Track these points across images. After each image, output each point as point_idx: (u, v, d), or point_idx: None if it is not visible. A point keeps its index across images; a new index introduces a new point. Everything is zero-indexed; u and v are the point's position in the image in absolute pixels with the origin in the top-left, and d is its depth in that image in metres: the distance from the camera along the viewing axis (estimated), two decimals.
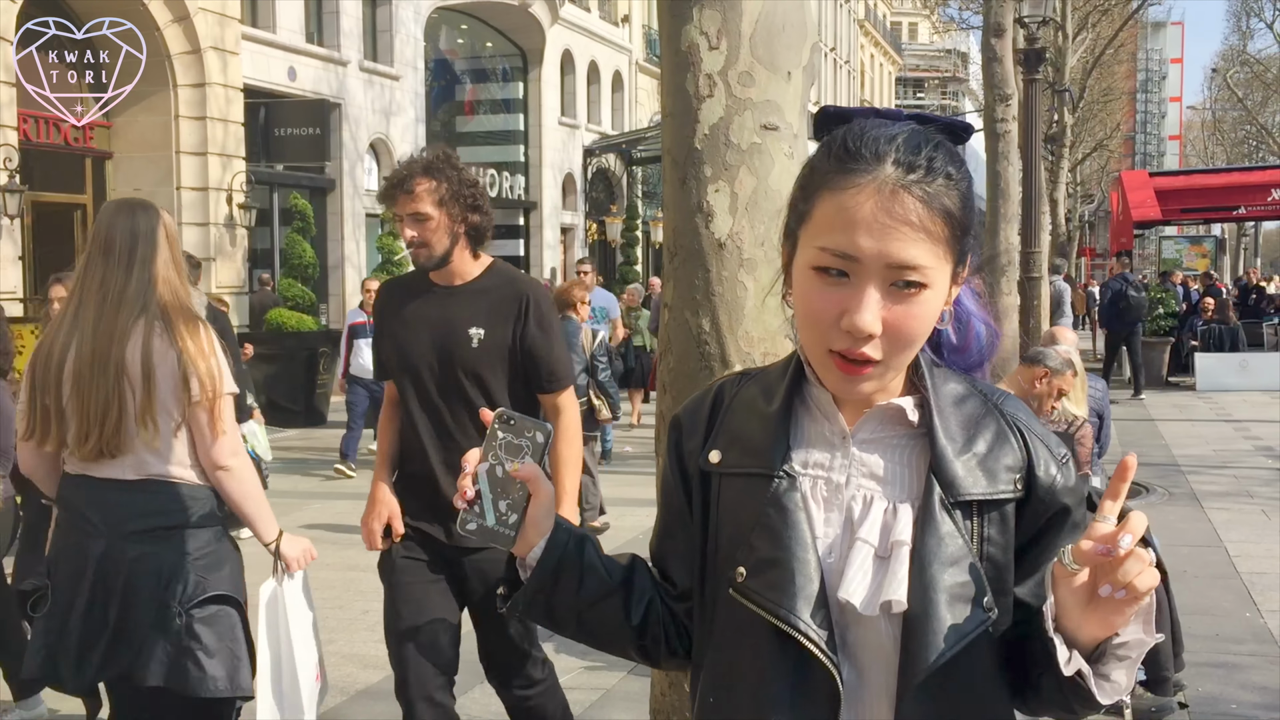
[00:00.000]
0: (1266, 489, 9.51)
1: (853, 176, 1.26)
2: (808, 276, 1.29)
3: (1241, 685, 5.07)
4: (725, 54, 2.34)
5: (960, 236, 1.29)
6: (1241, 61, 46.48)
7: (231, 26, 15.06)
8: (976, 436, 1.34)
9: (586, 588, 1.43)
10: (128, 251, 2.97)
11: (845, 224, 1.25)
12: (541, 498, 1.37)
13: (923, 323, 1.29)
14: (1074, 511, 1.36)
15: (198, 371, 2.88)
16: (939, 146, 1.28)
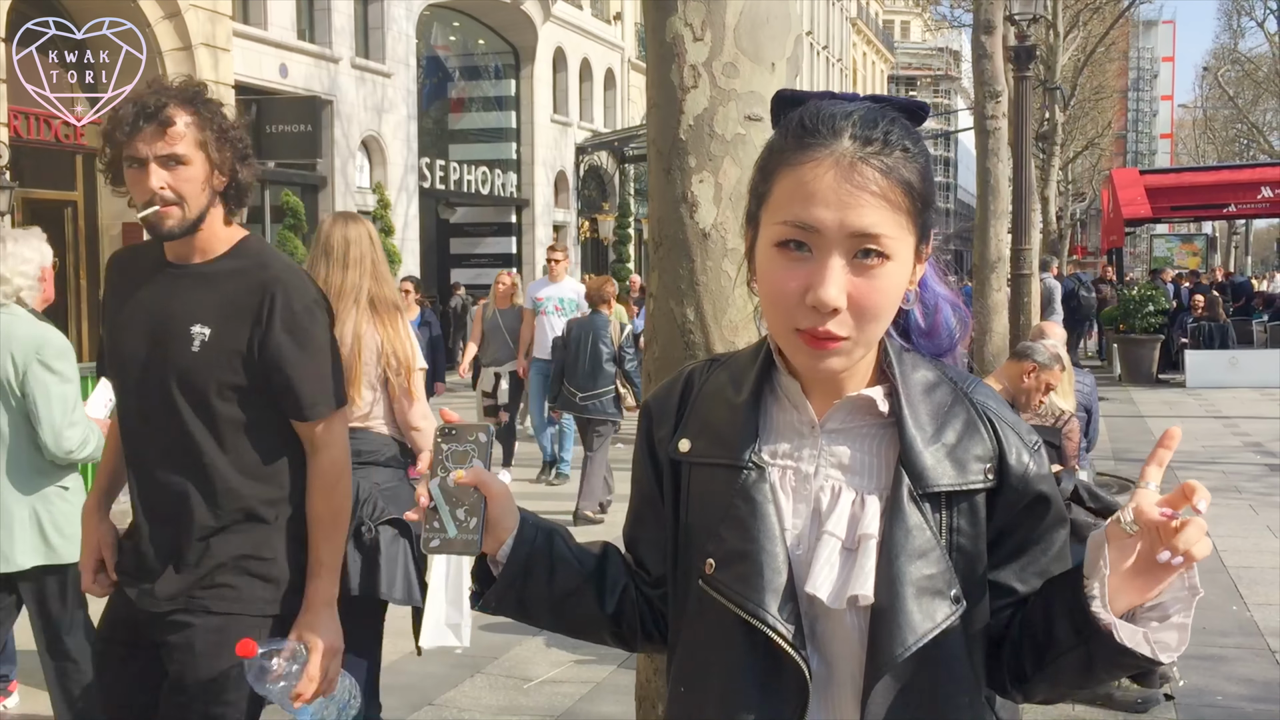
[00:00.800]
0: (1254, 484, 9.56)
1: (810, 151, 1.26)
2: (770, 256, 1.29)
3: (1227, 677, 5.10)
4: (709, 45, 2.36)
5: (921, 210, 1.29)
6: (1233, 60, 46.62)
7: (223, 23, 15.04)
8: (946, 426, 1.33)
9: (558, 580, 1.44)
10: (343, 254, 3.66)
11: (805, 197, 1.25)
12: (496, 497, 1.36)
13: (887, 296, 1.28)
14: (1051, 498, 1.36)
15: (395, 351, 3.62)
16: (895, 121, 1.29)
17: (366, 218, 17.26)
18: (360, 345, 3.58)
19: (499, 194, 25.15)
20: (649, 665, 2.55)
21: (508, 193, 25.43)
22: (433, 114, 24.05)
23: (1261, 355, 17.91)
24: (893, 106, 1.33)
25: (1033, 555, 1.36)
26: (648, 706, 2.53)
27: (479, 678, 5.21)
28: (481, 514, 1.34)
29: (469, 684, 5.14)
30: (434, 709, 4.86)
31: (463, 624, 4.10)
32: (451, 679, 5.18)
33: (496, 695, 5.00)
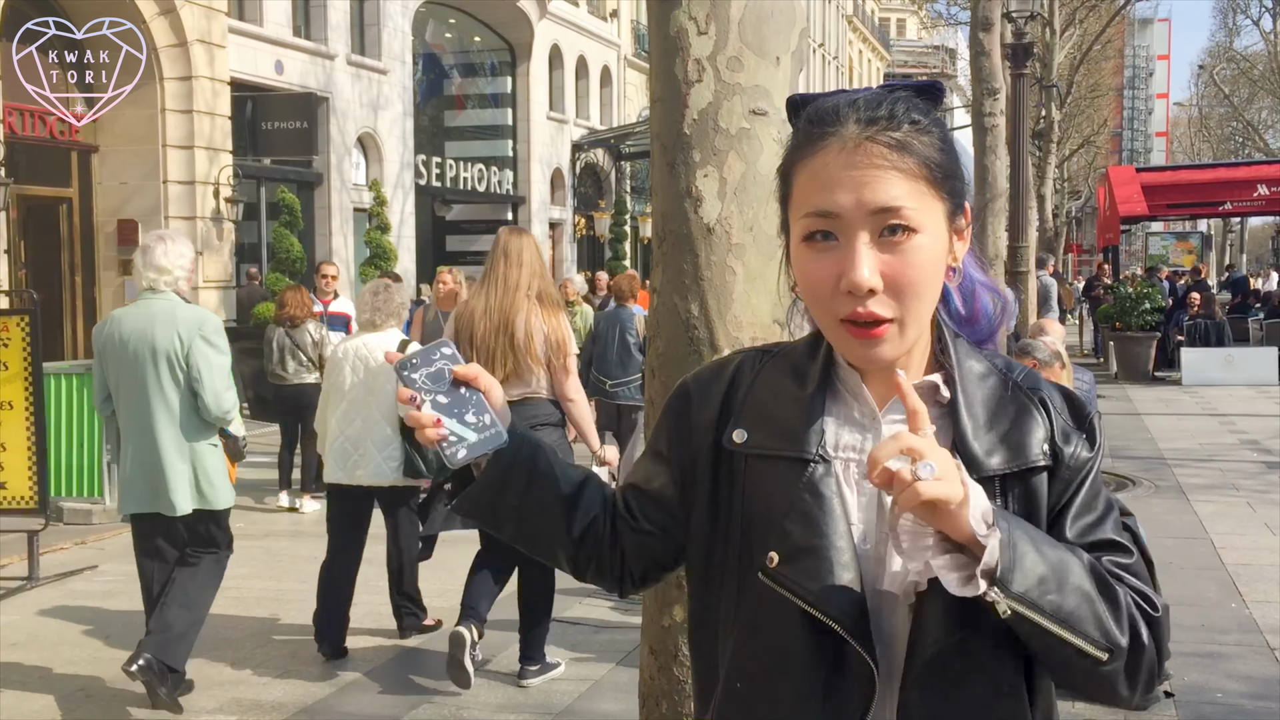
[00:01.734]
0: (1251, 482, 9.56)
1: (819, 143, 1.27)
2: (801, 252, 1.29)
3: (1227, 675, 5.10)
4: (714, 39, 2.34)
5: (943, 178, 1.28)
6: (1228, 58, 46.65)
7: (218, 19, 15.00)
8: (999, 412, 1.33)
9: (533, 492, 1.44)
10: (517, 257, 4.82)
11: (820, 186, 1.26)
12: (494, 391, 1.39)
13: (923, 269, 1.26)
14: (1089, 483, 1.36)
15: (558, 337, 4.77)
16: (902, 99, 1.29)
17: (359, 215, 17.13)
18: (531, 330, 4.68)
19: (495, 191, 25.11)
20: (653, 663, 2.53)
21: (504, 190, 25.40)
22: (429, 111, 24.01)
23: (1257, 353, 17.92)
24: (903, 88, 1.32)
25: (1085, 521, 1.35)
26: (651, 704, 2.51)
27: (478, 676, 5.18)
28: (488, 408, 1.36)
29: None
30: (432, 706, 4.84)
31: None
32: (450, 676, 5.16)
33: (494, 692, 4.98)
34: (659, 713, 2.50)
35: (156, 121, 14.26)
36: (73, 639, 5.79)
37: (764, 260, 2.38)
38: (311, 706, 4.87)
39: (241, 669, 5.32)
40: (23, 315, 7.02)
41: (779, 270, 2.46)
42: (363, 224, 19.30)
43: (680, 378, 1.56)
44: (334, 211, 18.82)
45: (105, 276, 14.49)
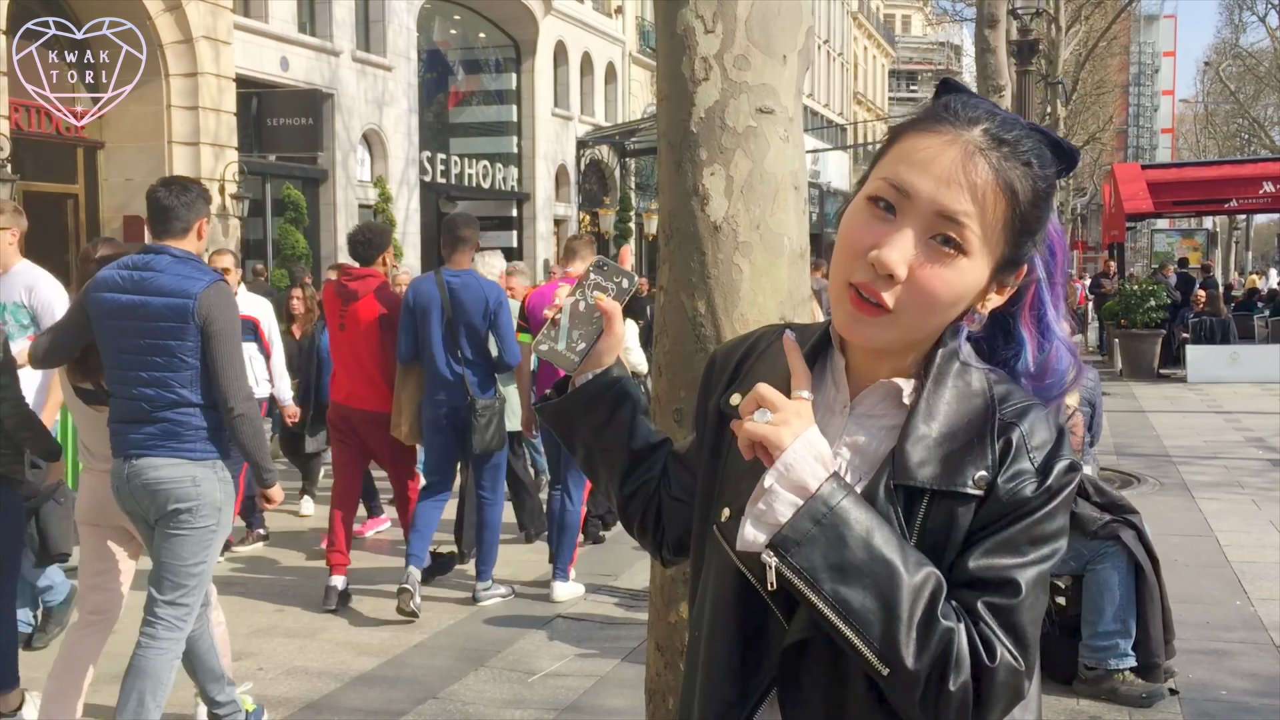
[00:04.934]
0: (1256, 479, 9.55)
1: (940, 125, 1.27)
2: (859, 206, 1.30)
3: (1232, 672, 5.10)
4: (721, 37, 2.35)
5: (1018, 230, 1.28)
6: (1234, 55, 46.54)
7: (224, 16, 15.02)
8: (957, 433, 1.29)
9: (604, 435, 1.58)
10: None
11: (913, 162, 1.26)
12: (612, 334, 1.53)
13: (949, 289, 1.26)
14: (1024, 523, 1.27)
15: None
16: (1034, 138, 1.28)
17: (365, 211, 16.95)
18: None
19: (500, 188, 25.12)
20: (659, 659, 2.54)
21: (508, 187, 25.40)
22: (434, 108, 24.02)
23: (1263, 350, 17.90)
24: (1045, 135, 1.31)
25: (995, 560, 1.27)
26: (658, 700, 2.52)
27: (483, 671, 5.21)
28: (592, 342, 1.51)
29: (473, 677, 5.13)
30: (438, 702, 4.85)
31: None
32: (455, 672, 5.18)
33: (500, 688, 4.99)
34: (665, 708, 2.51)
35: (162, 118, 14.28)
36: None
37: (770, 258, 2.39)
38: (317, 702, 4.88)
39: (247, 664, 5.34)
40: None
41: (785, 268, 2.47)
42: (368, 220, 19.32)
43: (685, 376, 1.60)
44: (339, 208, 18.84)
45: None
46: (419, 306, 6.08)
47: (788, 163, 2.40)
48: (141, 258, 3.92)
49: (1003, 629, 1.24)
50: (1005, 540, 1.26)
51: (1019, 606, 1.24)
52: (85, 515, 4.21)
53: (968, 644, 1.22)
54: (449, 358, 6.06)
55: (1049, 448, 1.29)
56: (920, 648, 1.20)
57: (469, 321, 6.03)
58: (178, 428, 3.83)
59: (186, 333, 3.81)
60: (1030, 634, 1.25)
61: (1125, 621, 4.75)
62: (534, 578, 6.77)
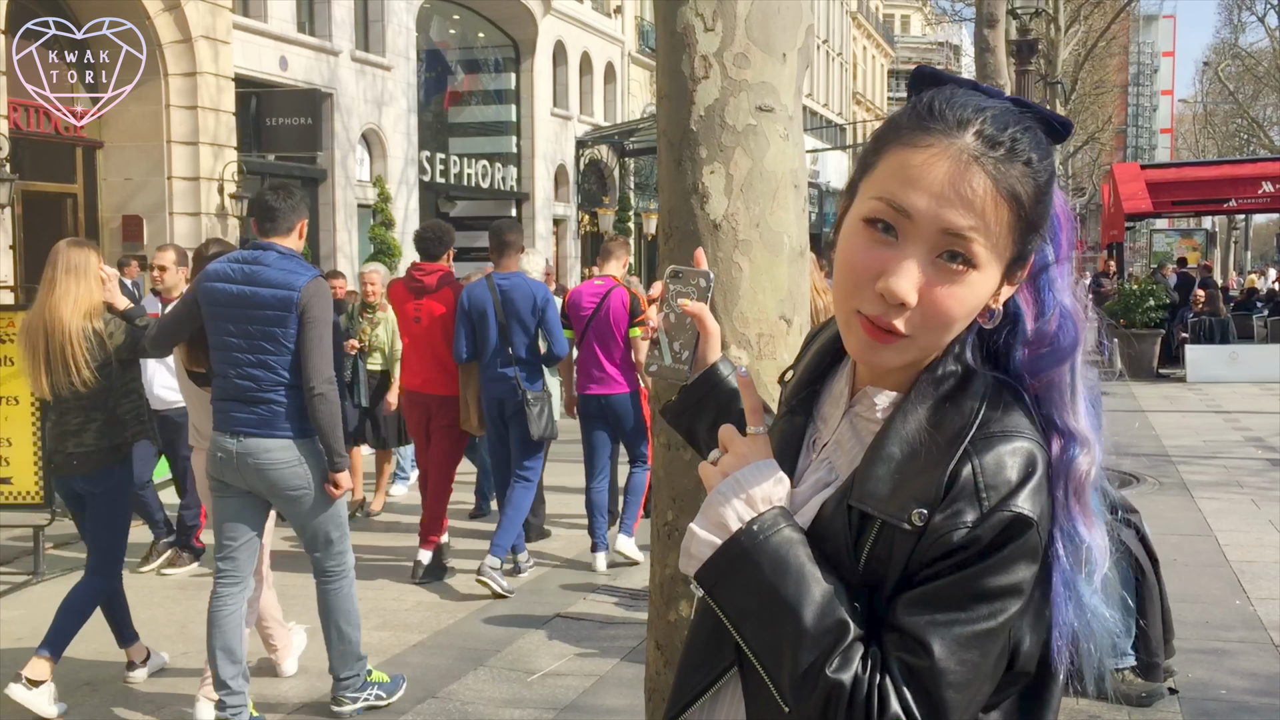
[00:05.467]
0: (1256, 479, 9.55)
1: (929, 136, 1.21)
2: (856, 229, 1.24)
3: (1231, 671, 5.10)
4: (720, 36, 2.35)
5: (1024, 231, 1.23)
6: (1233, 55, 46.55)
7: (223, 15, 15.00)
8: (916, 456, 1.23)
9: (715, 432, 1.50)
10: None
11: (908, 179, 1.20)
12: (708, 333, 1.53)
13: (962, 305, 1.22)
14: (953, 577, 1.19)
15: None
16: (1027, 130, 1.23)
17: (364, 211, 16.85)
18: None
19: (499, 188, 25.10)
20: (659, 658, 2.54)
21: (508, 186, 25.39)
22: (433, 107, 24.01)
23: (1262, 350, 17.90)
24: (1033, 114, 1.25)
25: (921, 615, 1.19)
26: (658, 699, 2.52)
27: (482, 670, 5.21)
28: (694, 348, 1.53)
29: (472, 676, 5.13)
30: (437, 701, 4.85)
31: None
32: (455, 671, 5.18)
33: (500, 688, 4.99)
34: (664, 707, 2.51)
35: (161, 117, 14.27)
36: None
37: (770, 256, 2.39)
38: (316, 701, 4.88)
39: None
40: (28, 310, 7.03)
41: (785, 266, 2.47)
42: (367, 220, 19.31)
43: None
44: (338, 208, 18.83)
45: None
46: (474, 309, 6.57)
47: (787, 161, 2.40)
48: (251, 253, 4.43)
49: (911, 690, 1.18)
50: (931, 593, 1.19)
51: (930, 670, 1.17)
52: (204, 487, 4.75)
53: (864, 696, 1.17)
54: (502, 355, 6.55)
55: (1005, 491, 1.18)
56: (806, 695, 1.19)
57: (520, 320, 6.53)
58: (281, 409, 4.33)
59: (290, 321, 4.30)
60: (948, 698, 1.17)
61: (1125, 621, 4.75)
62: (533, 577, 6.77)
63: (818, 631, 1.19)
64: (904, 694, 1.17)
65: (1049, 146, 1.26)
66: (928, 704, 1.17)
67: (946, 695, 1.17)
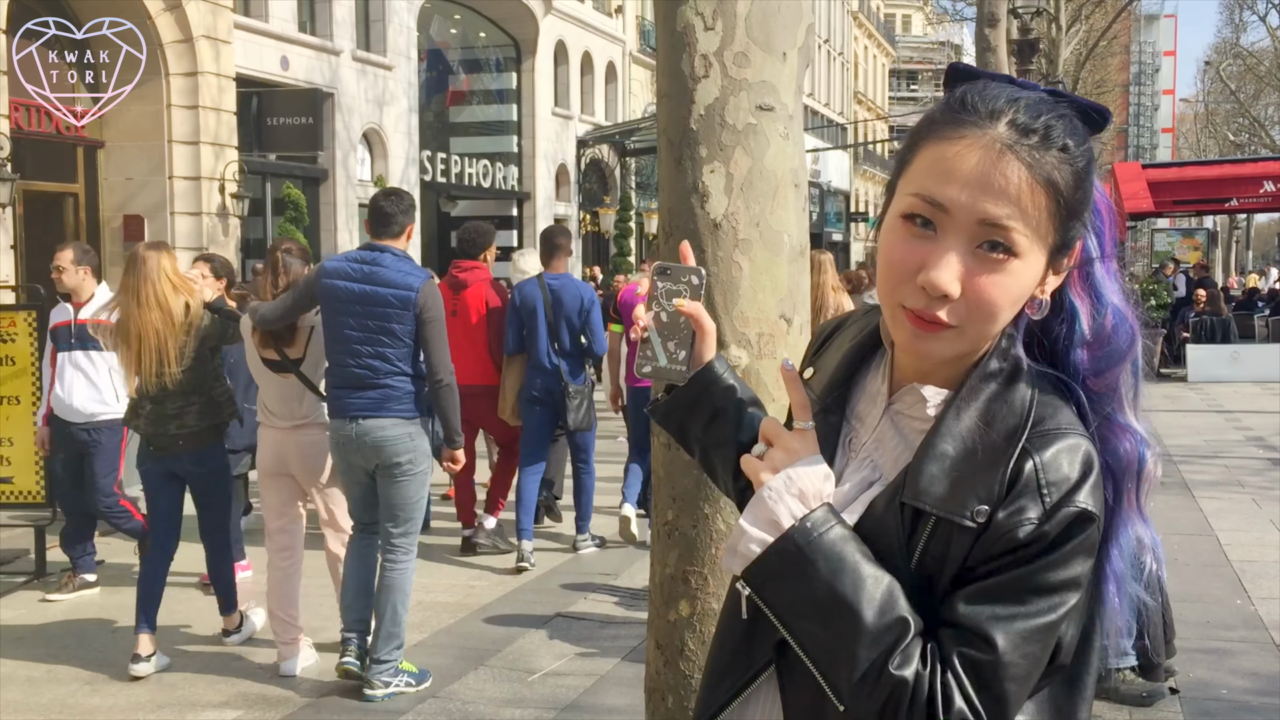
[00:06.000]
0: (1257, 478, 9.55)
1: (962, 129, 1.21)
2: (895, 225, 1.25)
3: (1232, 671, 5.09)
4: (721, 34, 2.34)
5: (1065, 218, 1.22)
6: (1234, 54, 46.53)
7: (224, 15, 15.00)
8: (971, 457, 1.23)
9: (712, 431, 1.54)
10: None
11: (943, 173, 1.20)
12: (704, 332, 1.47)
13: (1007, 294, 1.21)
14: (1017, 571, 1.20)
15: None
16: (1062, 117, 1.22)
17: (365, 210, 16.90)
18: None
19: (500, 187, 25.10)
20: (659, 657, 2.54)
21: (509, 186, 25.38)
22: (434, 107, 24.00)
23: (1263, 350, 17.89)
24: (1069, 103, 1.25)
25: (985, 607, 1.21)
26: (657, 698, 2.52)
27: (483, 670, 5.20)
28: (690, 347, 1.47)
29: (473, 676, 5.13)
30: (438, 701, 4.85)
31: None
32: (455, 671, 5.18)
33: (500, 687, 4.99)
34: (665, 707, 2.51)
35: (162, 117, 14.26)
36: (79, 632, 5.81)
37: (770, 256, 2.39)
38: (317, 701, 4.88)
39: (246, 663, 5.34)
40: (29, 310, 7.05)
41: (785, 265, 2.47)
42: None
43: None
44: (339, 207, 18.83)
45: (111, 272, 14.48)
46: (525, 306, 7.06)
47: (788, 160, 2.39)
48: (369, 254, 4.88)
49: (974, 684, 1.18)
50: (993, 587, 1.20)
51: (994, 664, 1.18)
52: (267, 467, 5.23)
53: (926, 693, 1.18)
54: (549, 349, 7.02)
55: (1067, 488, 1.20)
56: (866, 694, 1.18)
57: (567, 318, 7.04)
58: (394, 393, 4.80)
59: (407, 318, 4.79)
60: (1009, 690, 1.19)
61: (1126, 620, 4.74)
62: (534, 575, 6.78)
63: (878, 629, 1.19)
64: (967, 689, 1.18)
65: (1086, 134, 1.25)
66: (990, 698, 1.19)
67: (1009, 689, 1.19)
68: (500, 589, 6.50)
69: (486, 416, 7.31)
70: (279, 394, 5.15)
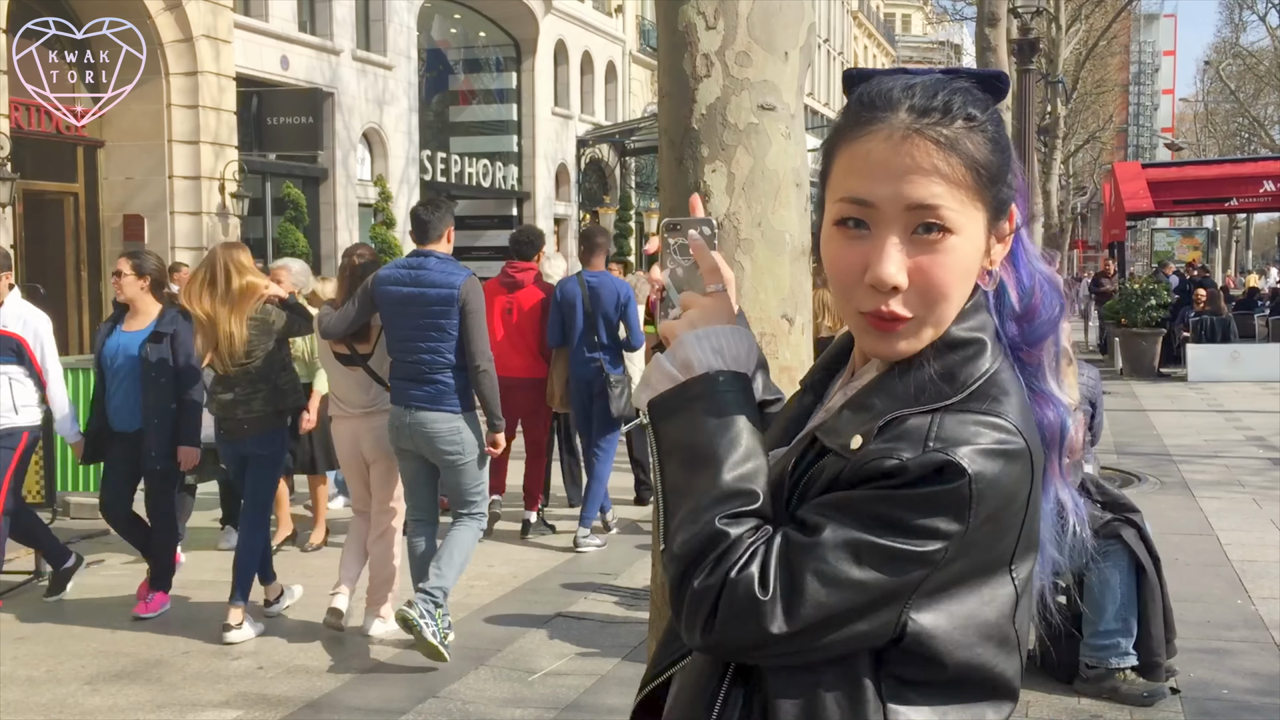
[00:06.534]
0: (1257, 478, 9.54)
1: (867, 126, 1.23)
2: (831, 235, 1.26)
3: (1233, 671, 5.09)
4: (722, 34, 2.34)
5: (989, 183, 1.23)
6: (1234, 54, 46.54)
7: (224, 14, 14.99)
8: (883, 404, 1.23)
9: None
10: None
11: (860, 172, 1.22)
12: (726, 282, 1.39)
13: (953, 273, 1.22)
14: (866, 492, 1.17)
15: None
16: (960, 91, 1.24)
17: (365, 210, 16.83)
18: None
19: (500, 187, 25.10)
20: None
21: (509, 186, 25.38)
22: (434, 106, 24.01)
23: (1263, 349, 17.88)
24: (966, 76, 1.27)
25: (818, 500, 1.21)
26: None
27: (483, 670, 5.20)
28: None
29: (473, 676, 5.13)
30: (438, 701, 4.85)
31: None
32: (456, 671, 5.17)
33: (501, 687, 4.99)
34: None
35: (162, 117, 14.26)
36: (79, 633, 5.81)
37: (772, 255, 2.38)
38: (317, 701, 4.87)
39: (246, 662, 5.34)
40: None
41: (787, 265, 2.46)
42: (368, 219, 19.30)
43: None
44: (339, 207, 18.83)
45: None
46: (565, 302, 7.55)
47: (789, 160, 2.39)
48: (416, 260, 5.39)
49: (779, 558, 1.17)
50: (840, 498, 1.18)
51: (808, 547, 1.16)
52: (346, 455, 5.77)
53: (728, 550, 1.18)
54: (588, 342, 7.48)
55: (954, 444, 1.16)
56: (687, 536, 1.20)
57: (605, 313, 7.50)
58: (445, 388, 5.27)
59: (452, 314, 5.26)
60: (809, 583, 1.15)
61: (1127, 620, 4.74)
62: (534, 575, 6.77)
63: (730, 490, 1.22)
64: (770, 558, 1.17)
65: (989, 101, 1.26)
66: (788, 576, 1.16)
67: (808, 578, 1.15)
68: (500, 589, 6.50)
69: (528, 409, 7.70)
70: (348, 385, 5.67)
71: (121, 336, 6.09)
